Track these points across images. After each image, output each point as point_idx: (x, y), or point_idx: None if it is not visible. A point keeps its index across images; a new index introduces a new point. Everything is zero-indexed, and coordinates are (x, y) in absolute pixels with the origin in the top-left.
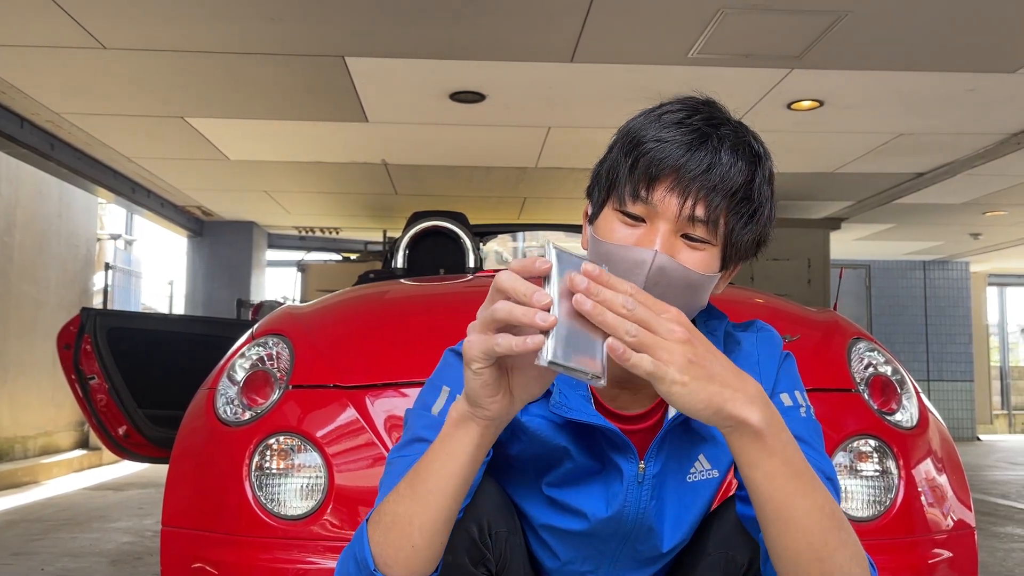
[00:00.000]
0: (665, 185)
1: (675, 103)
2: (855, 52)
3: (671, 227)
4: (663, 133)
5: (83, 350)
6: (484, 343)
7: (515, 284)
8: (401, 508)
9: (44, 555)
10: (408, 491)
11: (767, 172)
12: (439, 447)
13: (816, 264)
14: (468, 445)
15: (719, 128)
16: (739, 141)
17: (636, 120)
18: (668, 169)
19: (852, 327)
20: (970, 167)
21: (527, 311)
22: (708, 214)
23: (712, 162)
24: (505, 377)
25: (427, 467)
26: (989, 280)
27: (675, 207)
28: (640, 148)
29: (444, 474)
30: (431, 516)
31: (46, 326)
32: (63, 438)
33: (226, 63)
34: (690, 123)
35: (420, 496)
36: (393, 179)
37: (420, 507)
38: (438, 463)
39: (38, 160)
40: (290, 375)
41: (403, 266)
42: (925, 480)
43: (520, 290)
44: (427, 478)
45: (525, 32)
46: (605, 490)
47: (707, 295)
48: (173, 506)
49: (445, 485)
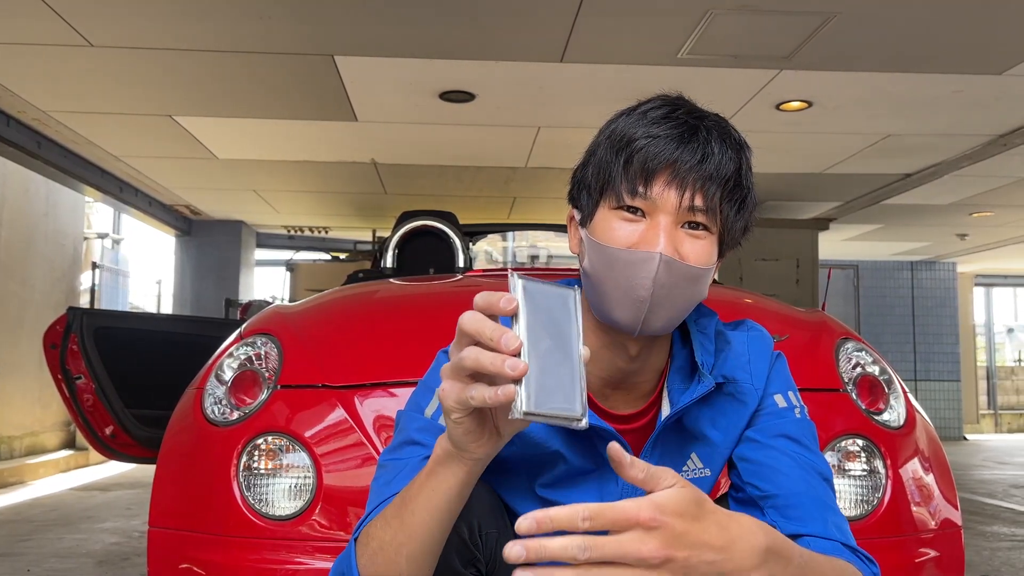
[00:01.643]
0: (663, 179)
1: (654, 100)
2: (844, 53)
3: (672, 219)
4: (653, 129)
5: (70, 350)
6: (458, 394)
7: (480, 327)
8: (388, 536)
9: (31, 556)
10: (395, 520)
11: (749, 161)
12: (425, 481)
13: (804, 264)
14: (454, 482)
15: (704, 120)
16: (724, 132)
17: (619, 121)
18: (664, 163)
19: (840, 327)
20: (957, 168)
21: (495, 359)
22: (707, 203)
23: (705, 153)
24: (488, 419)
25: (413, 499)
26: (976, 280)
27: (675, 199)
28: (632, 145)
29: (430, 507)
30: (418, 546)
31: (32, 325)
32: (49, 438)
33: (215, 62)
34: (676, 117)
35: (407, 527)
36: (382, 178)
37: (406, 537)
38: (423, 497)
39: (24, 158)
40: (278, 375)
41: (392, 266)
42: (912, 479)
43: (486, 334)
44: (414, 511)
45: (515, 32)
46: (599, 490)
47: (707, 285)
48: (160, 506)
49: (430, 519)
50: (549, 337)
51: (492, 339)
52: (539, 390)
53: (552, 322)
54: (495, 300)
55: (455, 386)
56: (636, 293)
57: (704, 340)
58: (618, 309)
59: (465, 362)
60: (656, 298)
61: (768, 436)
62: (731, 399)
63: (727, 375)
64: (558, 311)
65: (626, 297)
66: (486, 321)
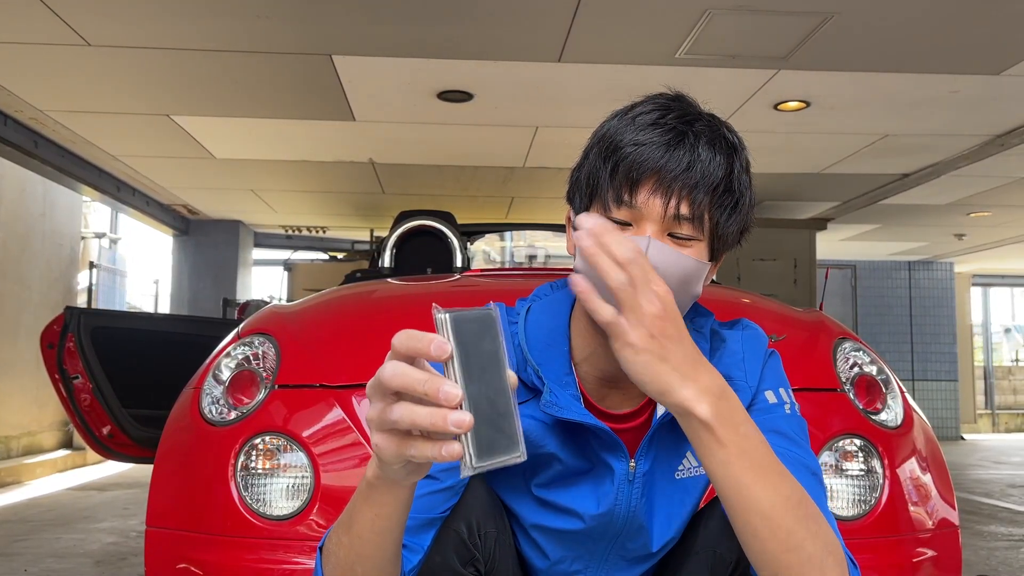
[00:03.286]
0: (648, 187)
1: (646, 103)
2: (841, 53)
3: (658, 227)
4: (640, 136)
5: (67, 349)
6: (397, 452)
7: (409, 381)
8: (343, 553)
9: (28, 556)
10: (346, 539)
11: (744, 162)
12: (365, 507)
13: (802, 264)
14: (396, 504)
15: (694, 124)
16: (714, 135)
17: (610, 124)
18: (649, 171)
19: (838, 327)
20: (954, 168)
21: (435, 416)
22: (693, 211)
23: (691, 160)
24: None
25: (358, 523)
26: (973, 280)
27: (659, 208)
28: (619, 153)
29: (377, 529)
30: (373, 564)
31: (29, 325)
32: (47, 438)
33: (212, 61)
34: (664, 122)
35: (357, 548)
36: (380, 178)
37: (357, 557)
38: (367, 522)
39: (21, 158)
40: (276, 374)
41: (390, 265)
42: (910, 479)
43: (418, 389)
44: (361, 534)
45: (513, 32)
46: (595, 489)
47: (700, 285)
48: (158, 506)
49: (381, 539)
50: (482, 371)
51: (427, 393)
52: (483, 440)
53: (481, 354)
54: (423, 346)
55: (391, 443)
56: None
57: (700, 339)
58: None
59: (399, 424)
60: None
61: None
62: None
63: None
64: (486, 339)
65: None
66: (413, 372)
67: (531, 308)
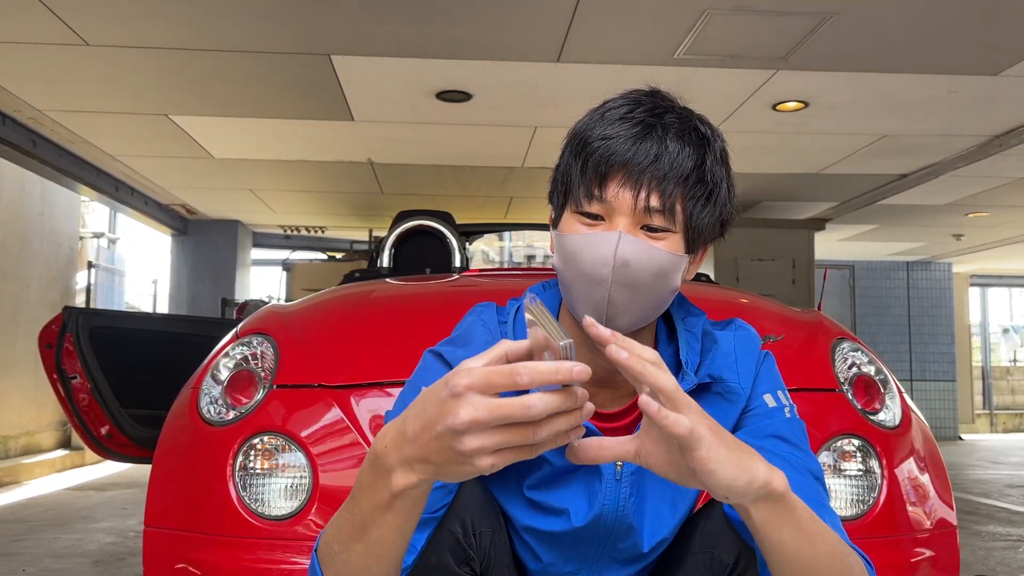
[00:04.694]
0: (617, 181)
1: (618, 99)
2: (840, 54)
3: (629, 220)
4: (608, 130)
5: (65, 349)
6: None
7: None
8: (354, 558)
9: (26, 556)
10: (359, 546)
11: (718, 153)
12: (389, 516)
13: (800, 264)
14: (421, 506)
15: (663, 117)
16: (684, 127)
17: (582, 121)
18: (617, 165)
19: (836, 327)
20: (953, 169)
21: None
22: (663, 202)
23: (659, 151)
24: None
25: (381, 528)
26: (971, 281)
27: (629, 200)
28: (588, 148)
29: (404, 532)
30: (387, 565)
31: (28, 325)
32: (45, 438)
33: (211, 60)
34: (633, 116)
35: (375, 551)
36: (379, 178)
37: (374, 558)
38: (392, 528)
39: (20, 157)
40: (274, 374)
41: (389, 265)
42: (908, 479)
43: (552, 379)
44: (383, 538)
45: (512, 32)
46: (585, 489)
47: (678, 279)
48: (156, 506)
49: (404, 540)
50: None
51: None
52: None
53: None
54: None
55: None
56: (598, 272)
57: (691, 339)
58: (581, 300)
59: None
60: (618, 283)
61: (759, 437)
62: (718, 398)
63: (714, 374)
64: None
65: (589, 286)
66: (540, 365)
67: (521, 308)
